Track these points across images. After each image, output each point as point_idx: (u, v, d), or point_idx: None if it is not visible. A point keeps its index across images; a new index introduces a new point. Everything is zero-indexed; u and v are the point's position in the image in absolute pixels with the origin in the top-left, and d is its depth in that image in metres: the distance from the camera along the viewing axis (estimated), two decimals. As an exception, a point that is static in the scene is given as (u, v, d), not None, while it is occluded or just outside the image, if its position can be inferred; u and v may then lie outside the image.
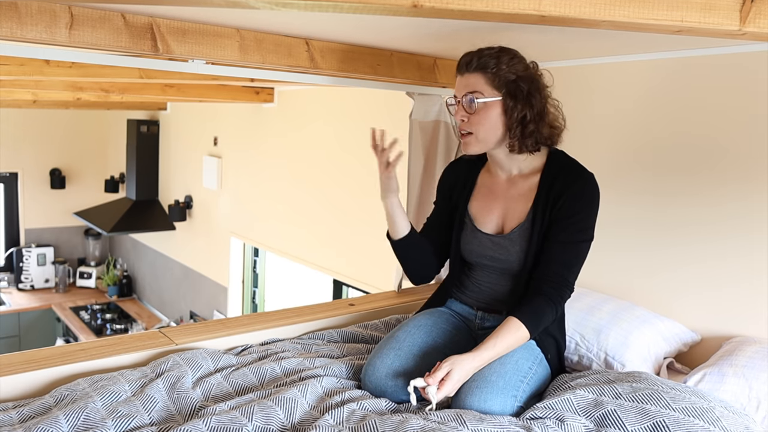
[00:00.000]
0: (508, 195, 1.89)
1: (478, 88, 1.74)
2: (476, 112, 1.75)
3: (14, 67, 2.79)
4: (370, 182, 3.82)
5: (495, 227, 1.90)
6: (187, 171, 6.09)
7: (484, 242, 1.89)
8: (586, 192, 1.79)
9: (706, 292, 2.11)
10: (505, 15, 1.28)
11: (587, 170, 1.82)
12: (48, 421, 1.47)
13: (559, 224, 1.77)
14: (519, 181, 1.88)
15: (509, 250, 1.84)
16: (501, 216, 1.89)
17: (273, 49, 2.04)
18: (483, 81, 1.74)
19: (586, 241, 1.79)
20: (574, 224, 1.76)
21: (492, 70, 1.73)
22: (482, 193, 1.95)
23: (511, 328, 1.70)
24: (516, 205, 1.86)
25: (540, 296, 1.75)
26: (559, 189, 1.78)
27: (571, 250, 1.78)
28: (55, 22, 1.63)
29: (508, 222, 1.87)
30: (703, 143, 2.10)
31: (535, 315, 1.72)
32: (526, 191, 1.85)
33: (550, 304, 1.75)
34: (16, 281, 7.37)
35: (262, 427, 1.49)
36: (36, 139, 7.36)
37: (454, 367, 1.62)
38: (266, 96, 4.65)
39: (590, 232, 1.80)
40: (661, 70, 2.20)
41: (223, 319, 2.28)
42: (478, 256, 1.91)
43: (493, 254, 1.87)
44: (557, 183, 1.79)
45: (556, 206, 1.77)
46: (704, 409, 1.48)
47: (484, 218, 1.92)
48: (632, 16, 1.31)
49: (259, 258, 5.33)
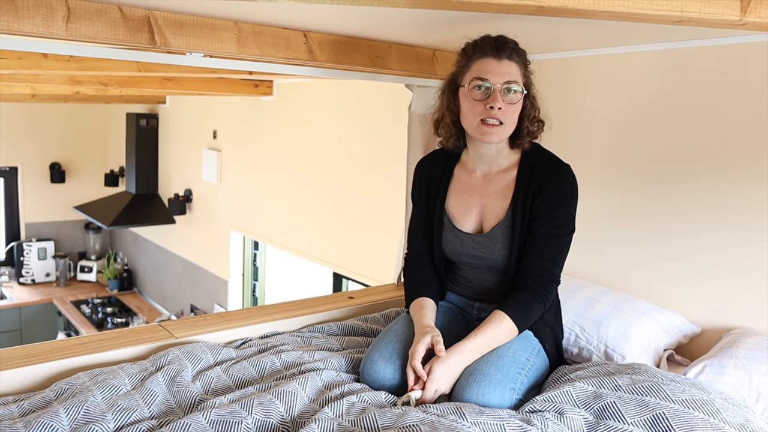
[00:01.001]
0: (485, 192, 1.86)
1: (517, 79, 1.72)
2: (513, 104, 1.73)
3: (12, 61, 2.78)
4: (369, 175, 3.82)
5: (474, 225, 1.87)
6: (187, 164, 6.08)
7: (465, 241, 1.87)
8: (564, 185, 1.78)
9: (706, 283, 2.11)
10: (504, 5, 1.27)
11: (564, 163, 1.81)
12: (48, 415, 1.47)
13: (539, 219, 1.76)
14: (496, 177, 1.85)
15: (491, 248, 1.83)
16: (479, 213, 1.87)
17: (271, 42, 2.03)
18: (519, 72, 1.73)
19: (568, 234, 1.80)
20: (554, 218, 1.76)
21: (525, 63, 1.74)
22: (459, 190, 1.91)
23: (495, 321, 1.70)
24: (494, 202, 1.84)
25: (525, 290, 1.75)
26: (538, 184, 1.77)
27: (554, 244, 1.78)
28: (51, 15, 1.62)
29: (487, 220, 1.85)
30: (703, 133, 2.09)
31: (522, 309, 1.73)
32: (504, 187, 1.84)
33: (537, 298, 1.74)
34: (17, 275, 7.37)
35: (261, 420, 1.49)
36: (35, 133, 7.35)
37: (434, 364, 1.64)
38: (265, 89, 4.64)
39: (571, 225, 1.81)
40: (660, 60, 2.19)
41: (223, 312, 2.28)
42: (461, 255, 1.89)
43: (476, 253, 1.86)
44: (535, 178, 1.78)
45: (536, 202, 1.77)
46: (704, 401, 1.48)
47: (463, 217, 1.89)
48: (632, 7, 1.31)
49: (259, 251, 5.33)
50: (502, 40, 1.72)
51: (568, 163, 1.81)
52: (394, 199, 3.54)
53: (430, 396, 1.62)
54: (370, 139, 3.82)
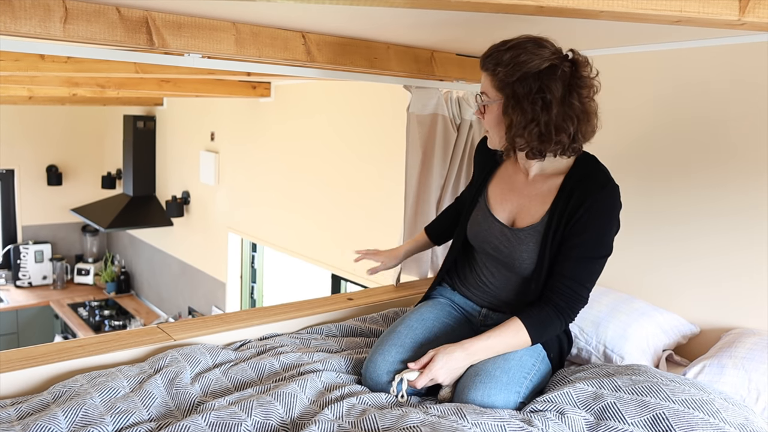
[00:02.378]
0: (526, 192, 1.81)
1: (485, 89, 1.72)
2: (485, 113, 1.75)
3: (9, 63, 2.77)
4: (367, 176, 3.82)
5: (507, 218, 1.82)
6: (184, 166, 6.07)
7: (493, 228, 1.82)
8: (607, 206, 1.68)
9: (704, 284, 2.11)
10: (503, 5, 1.27)
11: (613, 181, 1.71)
12: (46, 418, 1.46)
13: (575, 238, 1.67)
14: (539, 180, 1.79)
15: (516, 246, 1.76)
16: (514, 210, 1.82)
17: (269, 43, 2.02)
18: (488, 81, 1.70)
19: (603, 257, 1.71)
20: (591, 239, 1.67)
21: (493, 71, 1.66)
22: (502, 180, 1.89)
23: (511, 329, 1.67)
24: (532, 204, 1.78)
25: (550, 307, 1.69)
26: (580, 198, 1.67)
27: (587, 266, 1.69)
28: (49, 16, 1.62)
29: (520, 218, 1.79)
30: (703, 137, 2.09)
31: (541, 323, 1.68)
32: (545, 192, 1.76)
33: (559, 317, 1.69)
34: (14, 278, 7.35)
35: (261, 422, 1.48)
36: (32, 135, 7.34)
37: (438, 353, 1.63)
38: (263, 90, 4.64)
39: (608, 248, 1.71)
40: (660, 62, 2.19)
41: (221, 314, 2.27)
42: (482, 242, 1.85)
43: (498, 244, 1.80)
44: (578, 191, 1.68)
45: (574, 217, 1.67)
46: (704, 401, 1.48)
47: (498, 205, 1.85)
48: (631, 7, 1.31)
49: (257, 253, 5.32)
50: (485, 53, 1.69)
51: (617, 184, 1.70)
52: (392, 200, 3.53)
53: (423, 382, 1.61)
54: (367, 140, 3.81)
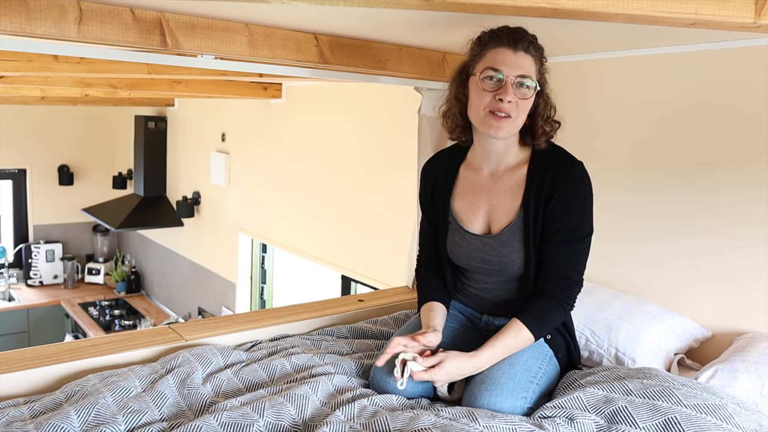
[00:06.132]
0: (493, 191, 1.77)
1: (531, 73, 1.62)
2: (525, 99, 1.63)
3: (23, 63, 2.79)
4: (378, 178, 3.82)
5: (482, 227, 1.78)
6: (195, 167, 6.09)
7: (473, 243, 1.78)
8: (579, 185, 1.68)
9: (717, 287, 2.10)
10: (517, 8, 1.27)
11: (577, 160, 1.70)
12: (59, 417, 1.47)
13: (556, 224, 1.67)
14: (504, 176, 1.76)
15: (501, 251, 1.74)
16: (487, 214, 1.78)
17: (282, 44, 2.03)
18: (534, 67, 1.63)
19: (588, 236, 1.71)
20: (571, 222, 1.67)
21: (542, 58, 1.65)
22: (465, 189, 1.83)
23: (513, 331, 1.66)
24: (503, 203, 1.75)
25: (546, 299, 1.69)
26: (551, 184, 1.67)
27: (574, 249, 1.69)
28: (64, 17, 1.62)
29: (495, 221, 1.76)
30: (716, 134, 2.08)
31: (540, 317, 1.68)
32: (513, 186, 1.74)
33: (557, 307, 1.69)
34: (25, 277, 7.39)
35: (273, 423, 1.48)
36: (44, 135, 7.38)
37: (448, 359, 1.60)
38: (274, 92, 4.64)
39: (589, 226, 1.71)
40: (672, 62, 2.18)
41: (233, 315, 2.28)
42: (468, 259, 1.81)
43: (483, 256, 1.77)
44: (547, 177, 1.68)
45: (549, 203, 1.67)
46: (716, 406, 1.47)
47: (470, 218, 1.80)
48: (645, 9, 1.30)
49: (267, 254, 5.33)
50: (520, 32, 1.62)
51: (580, 160, 1.70)
52: (403, 201, 3.53)
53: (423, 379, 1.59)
54: (378, 141, 3.81)
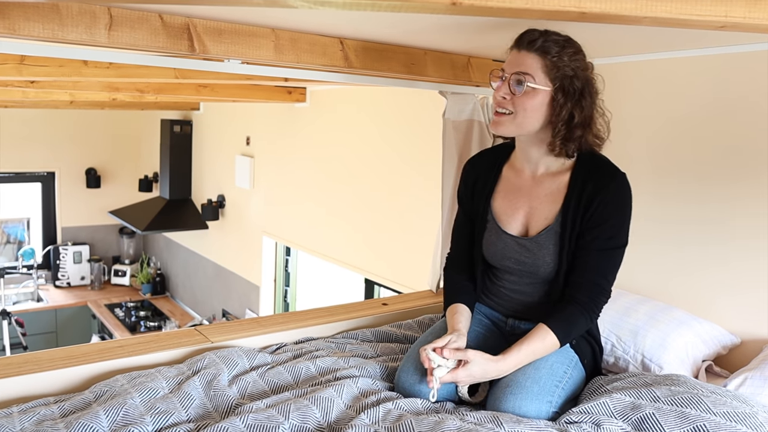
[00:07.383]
0: (534, 194, 1.79)
1: (531, 71, 1.63)
2: (521, 95, 1.64)
3: (54, 68, 2.84)
4: (403, 182, 3.82)
5: (520, 228, 1.80)
6: (220, 170, 6.14)
7: (509, 244, 1.80)
8: (620, 195, 1.70)
9: (745, 293, 2.07)
10: (545, 12, 1.26)
11: (620, 170, 1.73)
12: (88, 417, 1.49)
13: (592, 231, 1.69)
14: (546, 180, 1.78)
15: (536, 253, 1.75)
16: (526, 216, 1.79)
17: (308, 49, 2.04)
18: (539, 65, 1.63)
19: (621, 247, 1.72)
20: (608, 230, 1.69)
21: (552, 57, 1.62)
22: (506, 190, 1.85)
23: (539, 336, 1.66)
24: (543, 206, 1.77)
25: (573, 305, 1.69)
26: (591, 192, 1.69)
27: (607, 258, 1.71)
28: (95, 23, 1.65)
29: (533, 223, 1.78)
30: (745, 138, 2.06)
31: (567, 323, 1.68)
32: (554, 191, 1.76)
33: (584, 314, 1.69)
34: (53, 278, 7.51)
35: (298, 426, 1.49)
36: (72, 139, 7.50)
37: (476, 360, 1.61)
38: (298, 96, 4.67)
39: (625, 237, 1.73)
40: (703, 66, 2.16)
41: (258, 317, 2.30)
42: (503, 259, 1.82)
43: (518, 257, 1.79)
44: (589, 185, 1.70)
45: (589, 211, 1.69)
46: (747, 414, 1.45)
47: (508, 218, 1.82)
48: (675, 12, 1.29)
49: (291, 257, 5.35)
50: (528, 32, 1.65)
51: (623, 172, 1.72)
52: (428, 205, 3.53)
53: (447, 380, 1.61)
54: (403, 145, 3.82)
